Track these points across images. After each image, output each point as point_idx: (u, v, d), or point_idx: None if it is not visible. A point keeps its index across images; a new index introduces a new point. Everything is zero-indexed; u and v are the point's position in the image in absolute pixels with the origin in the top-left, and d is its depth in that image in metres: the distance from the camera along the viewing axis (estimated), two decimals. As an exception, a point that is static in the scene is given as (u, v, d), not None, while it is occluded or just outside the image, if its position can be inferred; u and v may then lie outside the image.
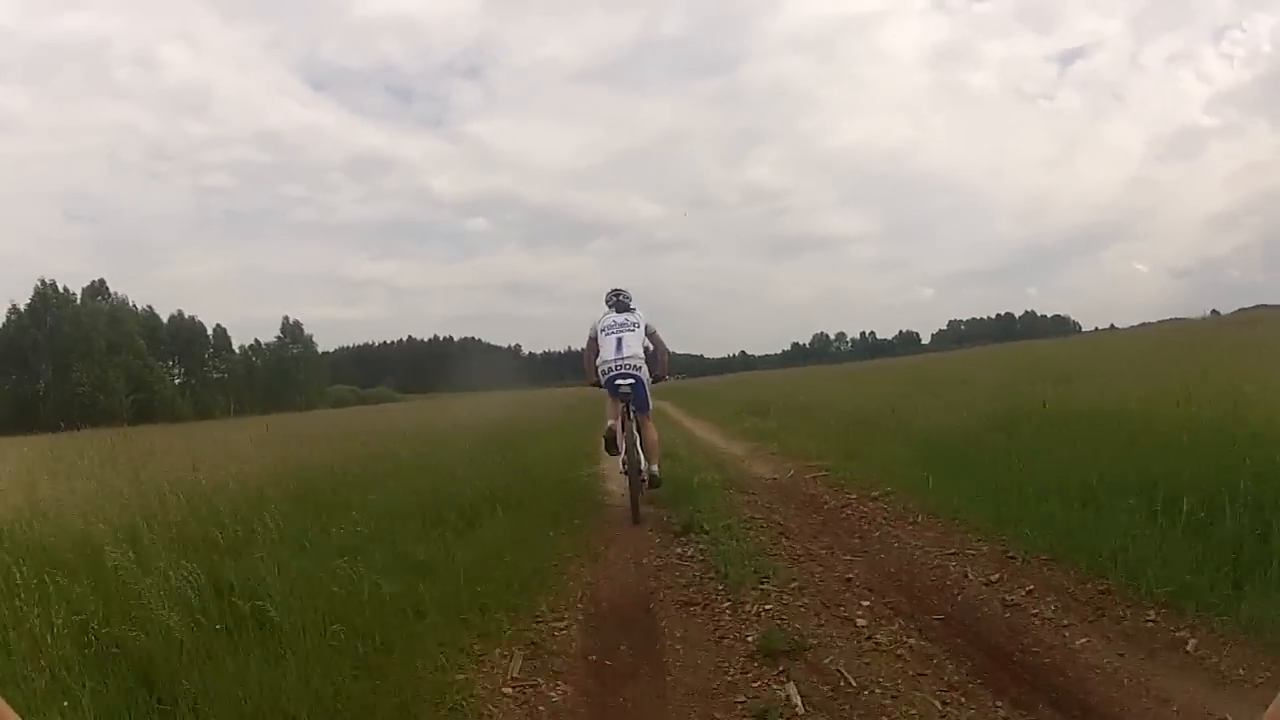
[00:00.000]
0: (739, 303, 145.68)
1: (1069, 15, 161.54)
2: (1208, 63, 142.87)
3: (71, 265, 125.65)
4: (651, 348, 6.17)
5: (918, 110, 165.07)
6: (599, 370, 5.96)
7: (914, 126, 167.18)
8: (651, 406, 6.15)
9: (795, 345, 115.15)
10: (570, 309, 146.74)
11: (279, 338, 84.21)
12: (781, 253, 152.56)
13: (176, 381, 73.48)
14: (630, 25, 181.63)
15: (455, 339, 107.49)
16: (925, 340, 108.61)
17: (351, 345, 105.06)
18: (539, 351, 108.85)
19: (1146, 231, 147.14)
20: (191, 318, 77.78)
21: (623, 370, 5.84)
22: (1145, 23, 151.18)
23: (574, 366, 7.00)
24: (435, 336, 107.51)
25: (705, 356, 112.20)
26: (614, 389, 5.84)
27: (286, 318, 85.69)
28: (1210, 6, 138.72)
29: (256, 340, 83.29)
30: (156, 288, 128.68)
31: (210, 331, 79.58)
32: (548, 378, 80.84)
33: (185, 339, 75.74)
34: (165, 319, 75.79)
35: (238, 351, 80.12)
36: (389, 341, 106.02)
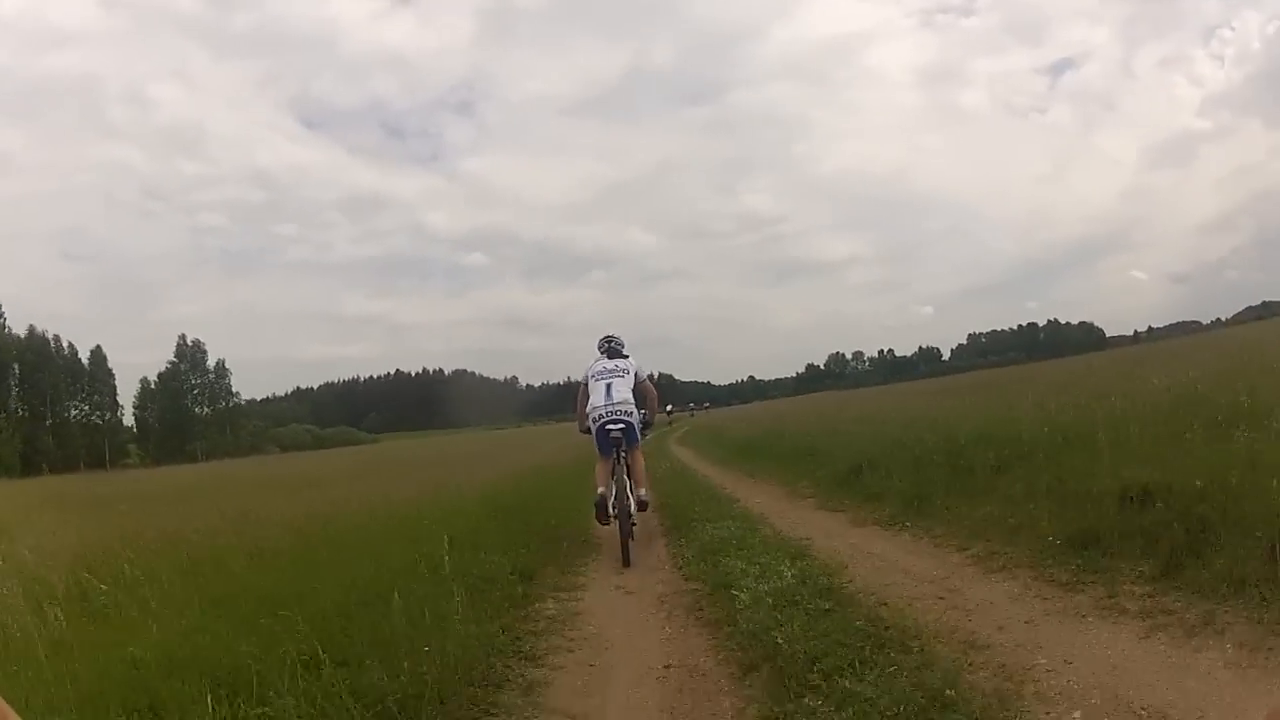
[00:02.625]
0: (739, 329, 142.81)
1: (1057, 25, 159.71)
2: (1199, 65, 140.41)
3: (69, 306, 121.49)
4: (641, 395, 6.31)
5: (910, 131, 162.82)
6: (589, 417, 6.17)
7: (907, 148, 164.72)
8: (640, 443, 6.34)
9: (810, 367, 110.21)
10: (569, 341, 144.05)
11: (172, 364, 63.65)
12: (778, 279, 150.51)
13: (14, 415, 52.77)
14: (619, 56, 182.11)
15: (446, 372, 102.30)
16: (945, 356, 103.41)
17: (337, 381, 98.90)
18: (537, 384, 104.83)
19: (1143, 239, 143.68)
20: (45, 335, 57.38)
21: (613, 415, 6.06)
22: (1134, 28, 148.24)
23: (573, 398, 6.63)
24: (424, 370, 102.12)
25: (714, 383, 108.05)
26: (605, 434, 6.02)
27: (183, 336, 66.31)
28: (1199, 7, 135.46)
29: (174, 366, 62.06)
30: (153, 328, 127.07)
31: (85, 357, 58.57)
32: (545, 411, 76.28)
33: (31, 364, 55.35)
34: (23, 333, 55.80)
35: (140, 386, 61.54)
36: (375, 376, 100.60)
